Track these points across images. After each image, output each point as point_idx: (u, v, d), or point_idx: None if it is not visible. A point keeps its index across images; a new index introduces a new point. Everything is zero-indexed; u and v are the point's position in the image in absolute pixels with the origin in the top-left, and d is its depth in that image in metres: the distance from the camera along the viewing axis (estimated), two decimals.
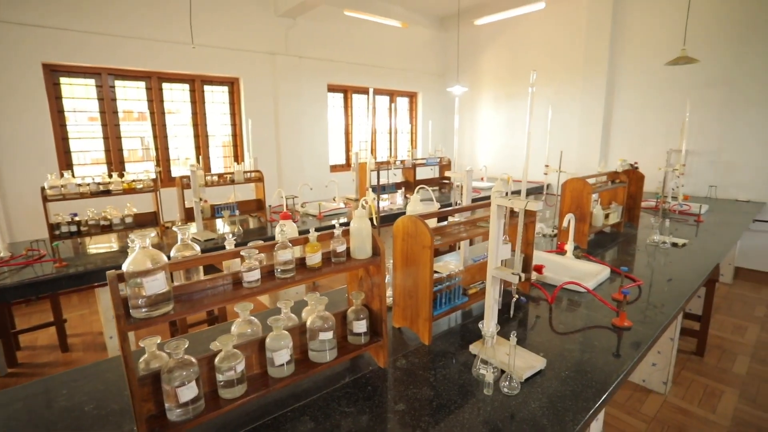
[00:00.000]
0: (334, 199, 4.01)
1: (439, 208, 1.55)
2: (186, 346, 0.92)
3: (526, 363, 1.23)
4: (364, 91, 6.51)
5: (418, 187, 1.82)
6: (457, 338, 1.47)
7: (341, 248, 1.16)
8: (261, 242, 1.12)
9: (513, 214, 1.68)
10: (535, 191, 5.28)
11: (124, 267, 0.85)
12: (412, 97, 7.26)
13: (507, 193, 1.28)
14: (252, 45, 5.16)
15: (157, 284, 0.86)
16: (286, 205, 3.67)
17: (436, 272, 1.66)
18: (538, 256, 2.16)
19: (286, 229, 1.09)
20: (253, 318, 1.20)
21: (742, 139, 4.37)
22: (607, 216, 2.65)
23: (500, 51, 6.55)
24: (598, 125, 5.35)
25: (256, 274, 1.02)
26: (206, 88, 5.07)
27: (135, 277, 0.85)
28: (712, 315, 3.41)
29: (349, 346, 1.24)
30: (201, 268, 1.21)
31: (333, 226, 1.19)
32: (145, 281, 0.85)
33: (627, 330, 1.52)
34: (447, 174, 1.88)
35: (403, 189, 3.96)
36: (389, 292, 1.60)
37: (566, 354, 1.36)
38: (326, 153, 6.15)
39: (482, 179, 4.98)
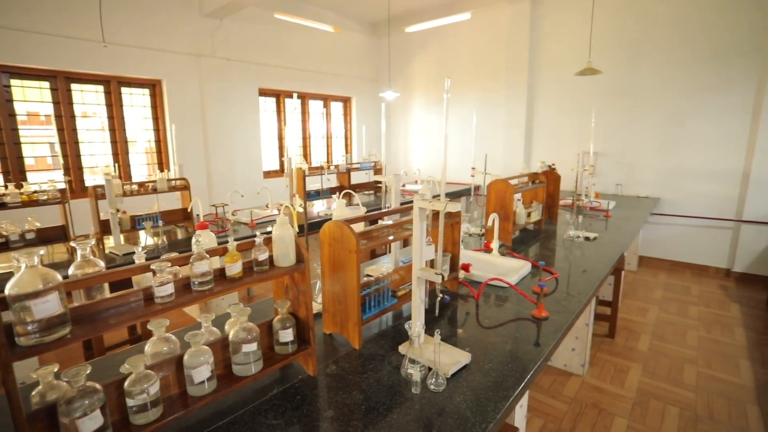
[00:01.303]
0: (267, 206, 3.89)
1: (366, 212, 1.56)
2: (88, 371, 0.84)
3: (452, 359, 1.28)
4: (297, 95, 6.41)
5: (344, 191, 1.83)
6: (387, 340, 1.49)
7: (263, 257, 1.14)
8: (175, 254, 1.06)
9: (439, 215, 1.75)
10: (466, 193, 5.52)
11: (6, 290, 0.76)
12: (346, 101, 7.28)
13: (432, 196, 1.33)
14: (175, 45, 4.88)
15: (48, 306, 0.78)
16: (216, 214, 3.51)
17: (368, 275, 1.68)
18: (467, 255, 2.26)
19: (202, 240, 1.04)
20: (170, 335, 1.13)
21: (641, 142, 4.91)
22: (529, 214, 2.84)
23: (430, 57, 6.79)
24: (521, 129, 5.73)
25: (168, 289, 0.96)
26: (124, 90, 4.71)
27: (20, 300, 0.76)
28: (621, 300, 3.78)
29: (276, 356, 1.21)
30: (106, 285, 1.12)
31: (266, 233, 1.16)
32: (33, 304, 0.77)
33: (545, 320, 1.63)
34: (376, 178, 1.91)
35: (338, 194, 3.95)
36: (320, 299, 1.58)
37: (490, 347, 1.43)
38: (259, 159, 5.97)
39: (416, 182, 5.12)
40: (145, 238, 3.05)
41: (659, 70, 4.67)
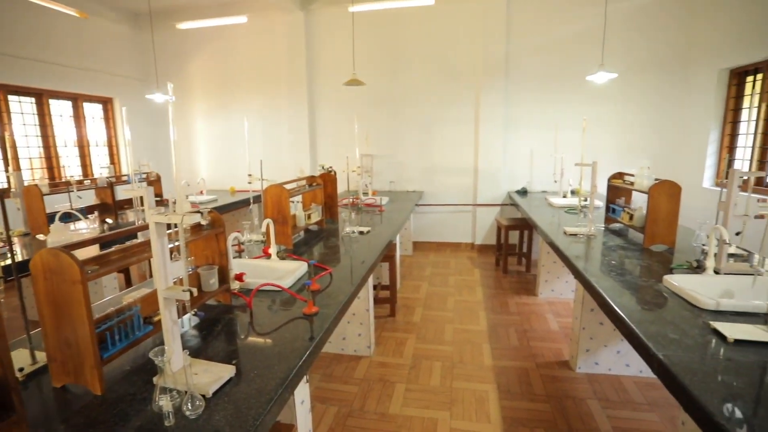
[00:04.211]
0: None
1: (102, 233, 1.35)
2: None
3: (213, 376, 1.23)
4: (29, 92, 5.05)
5: (61, 212, 1.53)
6: (145, 374, 1.32)
7: None
8: None
9: (202, 227, 1.66)
10: (249, 202, 5.42)
11: None
12: (106, 103, 6.14)
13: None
14: None
15: None
16: None
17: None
18: (244, 264, 2.22)
19: None
20: None
21: (406, 144, 5.80)
22: (309, 216, 2.99)
23: (211, 59, 6.36)
24: (304, 134, 5.98)
25: None
26: None
27: None
28: (400, 282, 4.40)
29: None
30: None
31: None
32: None
33: (315, 315, 1.74)
34: (125, 193, 1.67)
35: (96, 213, 3.29)
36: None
37: (259, 353, 1.43)
38: None
39: (202, 193, 4.73)
40: None
41: (412, 85, 5.61)
